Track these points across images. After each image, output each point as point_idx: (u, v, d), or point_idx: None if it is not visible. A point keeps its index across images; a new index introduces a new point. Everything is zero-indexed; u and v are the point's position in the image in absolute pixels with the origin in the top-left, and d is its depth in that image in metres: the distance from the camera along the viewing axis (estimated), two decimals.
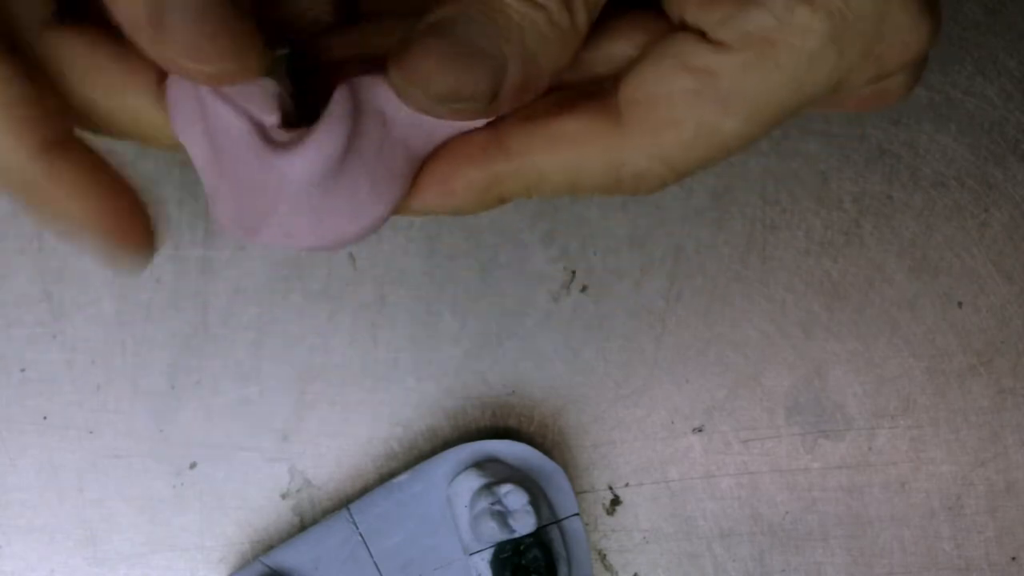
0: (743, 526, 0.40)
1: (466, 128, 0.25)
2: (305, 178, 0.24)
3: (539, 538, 0.36)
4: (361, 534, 0.38)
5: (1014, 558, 0.41)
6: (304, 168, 0.24)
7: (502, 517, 0.36)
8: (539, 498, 0.37)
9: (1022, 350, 0.41)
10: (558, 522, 0.38)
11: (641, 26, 0.25)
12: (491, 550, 0.36)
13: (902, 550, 0.41)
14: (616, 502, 0.40)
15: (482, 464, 0.37)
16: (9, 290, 0.38)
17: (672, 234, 0.40)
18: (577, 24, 0.23)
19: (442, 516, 0.38)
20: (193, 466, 0.39)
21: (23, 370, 0.39)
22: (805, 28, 0.23)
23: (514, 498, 0.36)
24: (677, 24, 0.25)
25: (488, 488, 0.36)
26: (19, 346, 0.38)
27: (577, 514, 0.38)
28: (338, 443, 0.39)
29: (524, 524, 0.36)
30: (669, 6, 0.25)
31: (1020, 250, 0.40)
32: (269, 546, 0.39)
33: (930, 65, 0.40)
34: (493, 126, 0.25)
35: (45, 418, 0.39)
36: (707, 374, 0.40)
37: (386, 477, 0.39)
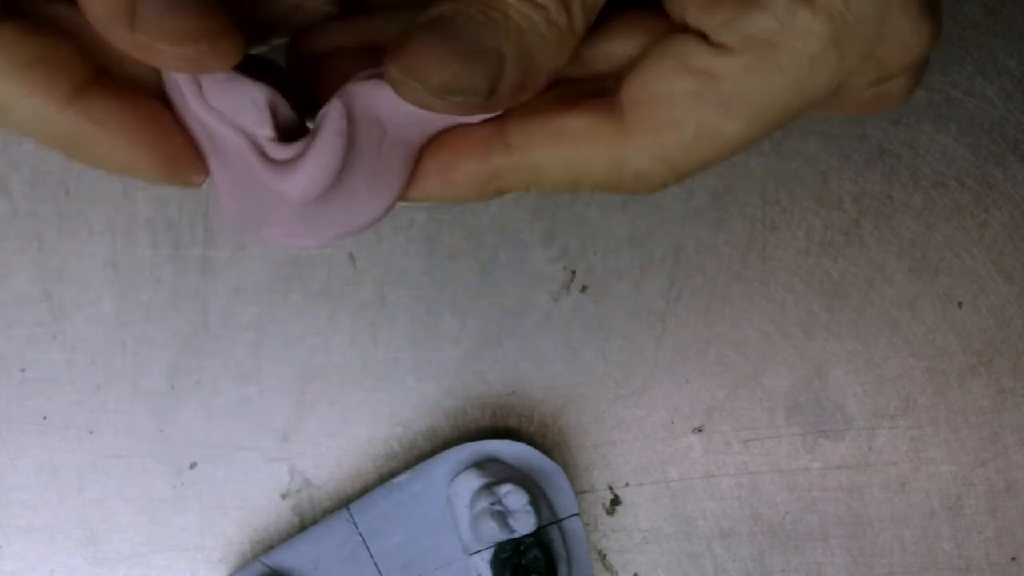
0: (743, 526, 0.40)
1: (463, 124, 0.26)
2: (301, 198, 0.24)
3: (539, 538, 0.36)
4: (361, 534, 0.38)
5: (1014, 558, 0.41)
6: (299, 190, 0.24)
7: (502, 517, 0.36)
8: (539, 498, 0.37)
9: (1022, 350, 0.41)
10: (558, 522, 0.38)
11: (641, 25, 0.25)
12: (491, 550, 0.36)
13: (902, 550, 0.41)
14: (616, 502, 0.40)
15: (482, 464, 0.37)
16: (9, 290, 0.38)
17: (672, 234, 0.40)
18: (575, 24, 0.24)
19: (442, 516, 0.38)
20: (193, 466, 0.39)
21: (23, 370, 0.39)
22: (806, 31, 0.23)
23: (514, 498, 0.36)
24: (678, 24, 0.25)
25: (488, 488, 0.36)
26: (19, 346, 0.38)
27: (577, 514, 0.38)
28: (338, 443, 0.39)
29: (524, 524, 0.36)
30: (670, 6, 0.25)
31: (1020, 250, 0.40)
32: (269, 546, 0.39)
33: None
34: (495, 120, 0.25)
35: (45, 418, 0.39)
36: (707, 374, 0.40)
37: (386, 477, 0.39)
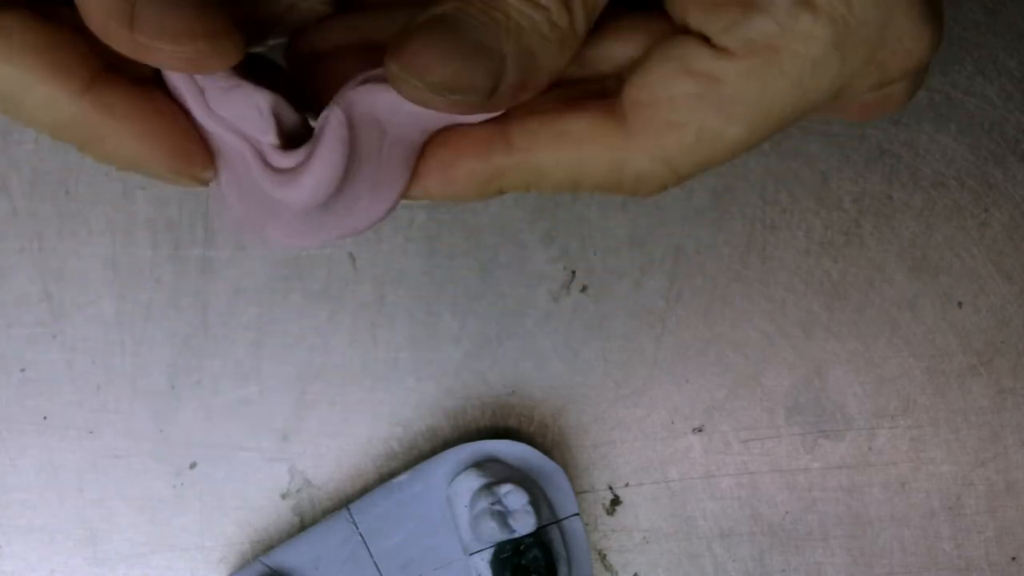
0: (743, 526, 0.40)
1: (464, 123, 0.26)
2: (303, 207, 0.24)
3: (539, 538, 0.36)
4: (361, 534, 0.38)
5: (1014, 558, 0.41)
6: (302, 199, 0.24)
7: (502, 517, 0.36)
8: (539, 498, 0.37)
9: (1022, 350, 0.41)
10: (558, 522, 0.38)
11: (643, 27, 0.25)
12: (491, 550, 0.36)
13: (902, 550, 0.41)
14: (616, 502, 0.40)
15: (482, 464, 0.37)
16: (9, 290, 0.38)
17: (672, 234, 0.40)
18: (576, 25, 0.24)
19: (442, 516, 0.38)
20: (193, 466, 0.39)
21: (23, 370, 0.39)
22: (808, 35, 0.23)
23: (514, 498, 0.36)
24: (679, 27, 0.25)
25: (488, 488, 0.36)
26: (19, 346, 0.38)
27: (577, 514, 0.38)
28: (338, 443, 0.39)
29: (524, 524, 0.36)
30: (672, 9, 0.25)
31: (1020, 250, 0.40)
32: (269, 546, 0.39)
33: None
34: (497, 120, 0.25)
35: (45, 418, 0.39)
36: (707, 374, 0.40)
37: (386, 477, 0.39)
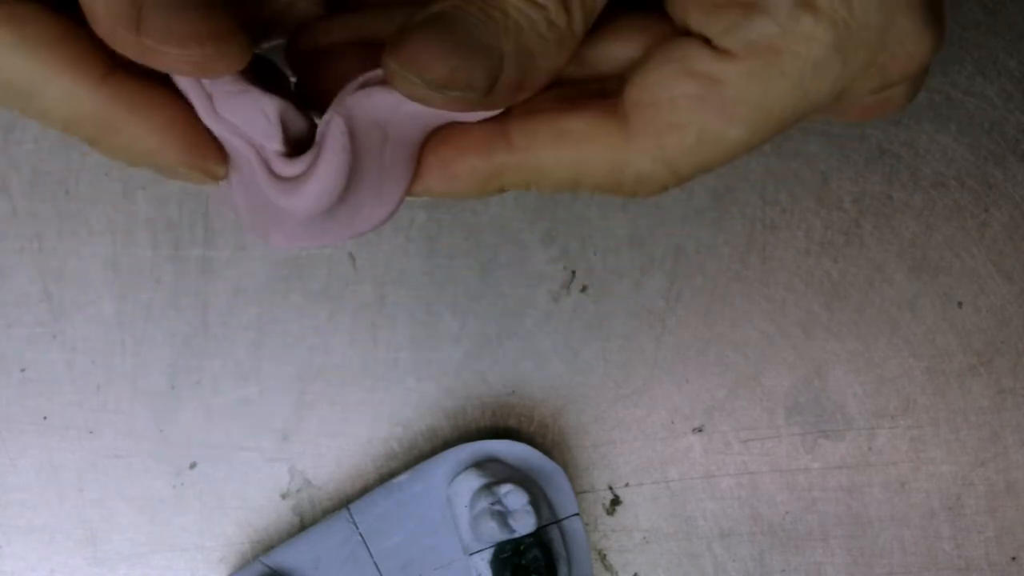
0: (743, 526, 0.40)
1: (464, 122, 0.26)
2: (306, 215, 0.25)
3: (539, 538, 0.36)
4: (361, 534, 0.38)
5: (1014, 558, 0.41)
6: (305, 207, 0.24)
7: (502, 517, 0.36)
8: (539, 498, 0.37)
9: (1022, 350, 0.41)
10: (558, 522, 0.38)
11: (643, 28, 0.25)
12: (491, 550, 0.36)
13: (902, 550, 0.41)
14: (616, 502, 0.40)
15: (482, 464, 0.37)
16: (9, 290, 0.38)
17: (672, 234, 0.40)
18: (574, 25, 0.24)
19: (442, 516, 0.38)
20: (193, 466, 0.39)
21: (23, 370, 0.39)
22: (809, 37, 0.23)
23: (514, 498, 0.36)
24: (680, 28, 0.25)
25: (488, 488, 0.36)
26: (19, 346, 0.38)
27: (577, 514, 0.38)
28: (338, 443, 0.39)
29: (524, 524, 0.36)
30: (673, 11, 0.25)
31: (1020, 250, 0.40)
32: (269, 546, 0.39)
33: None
34: (498, 119, 0.25)
35: (45, 418, 0.39)
36: (707, 374, 0.40)
37: (386, 477, 0.39)
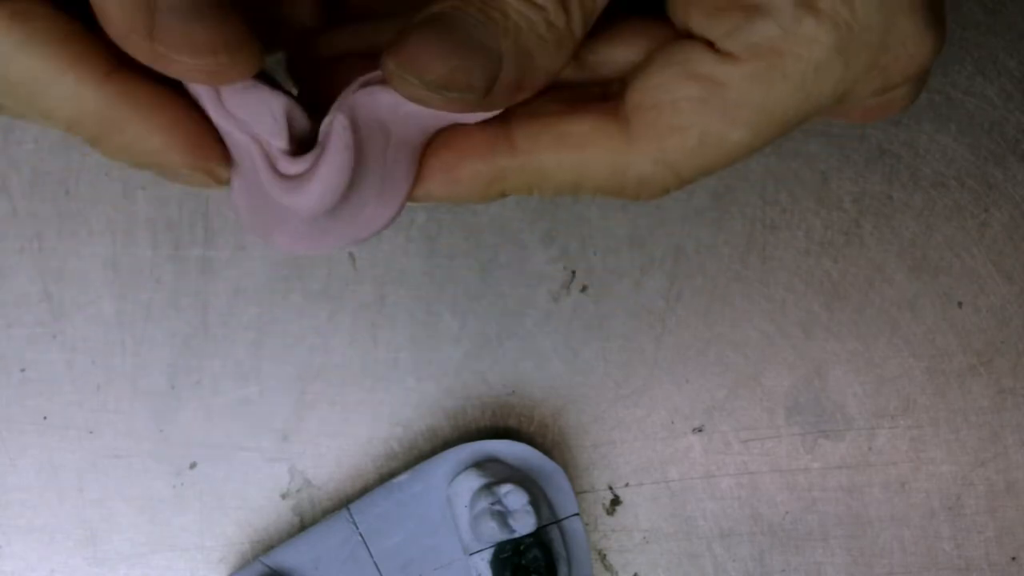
0: (743, 526, 0.40)
1: (464, 124, 0.26)
2: (311, 211, 0.24)
3: (539, 538, 0.36)
4: (361, 534, 0.38)
5: (1014, 558, 0.41)
6: (309, 205, 0.24)
7: (502, 517, 0.36)
8: (539, 498, 0.37)
9: (1022, 350, 0.41)
10: (558, 522, 0.38)
11: (645, 32, 0.25)
12: (491, 550, 0.36)
13: (902, 550, 0.41)
14: (616, 502, 0.40)
15: (482, 464, 0.37)
16: (9, 290, 0.38)
17: (672, 234, 0.40)
18: (573, 26, 0.24)
19: (442, 516, 0.38)
20: (193, 466, 0.39)
21: (23, 370, 0.39)
22: (811, 39, 0.23)
23: (514, 498, 0.36)
24: (682, 32, 0.25)
25: (488, 488, 0.36)
26: (19, 346, 0.38)
27: (577, 514, 0.38)
28: (338, 443, 0.39)
29: (524, 524, 0.36)
30: (675, 14, 0.25)
31: (1020, 250, 0.40)
32: (269, 546, 0.39)
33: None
34: (501, 121, 0.25)
35: (45, 418, 0.39)
36: (707, 374, 0.40)
37: (386, 477, 0.39)
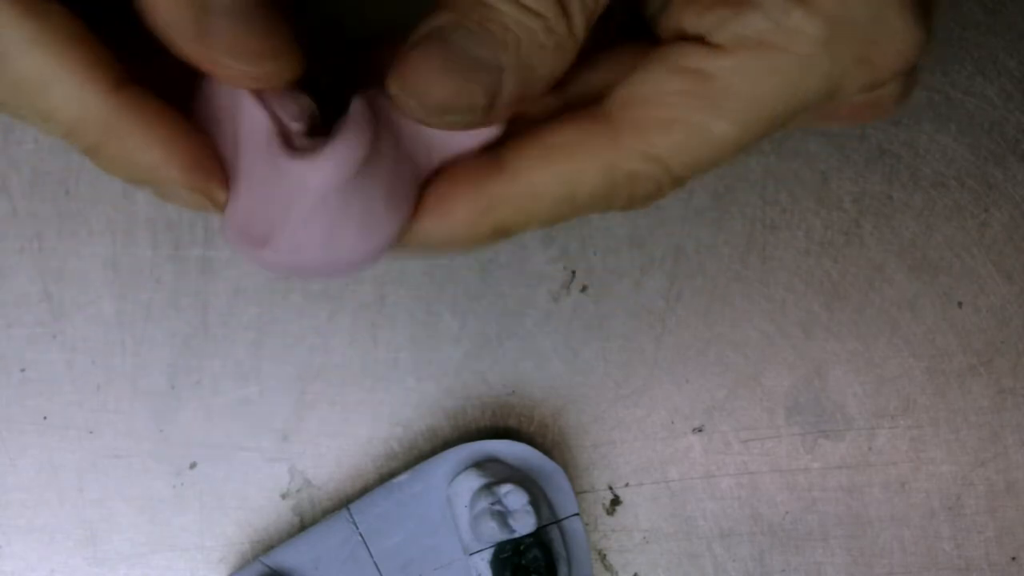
0: (743, 526, 0.40)
1: (464, 140, 0.25)
2: (324, 184, 0.23)
3: (539, 538, 0.36)
4: (361, 534, 0.38)
5: (1014, 558, 0.41)
6: (324, 175, 0.23)
7: (502, 517, 0.36)
8: (539, 498, 0.37)
9: (1022, 350, 0.41)
10: (558, 522, 0.38)
11: (630, 60, 0.25)
12: (491, 550, 0.36)
13: (902, 550, 0.41)
14: (616, 502, 0.40)
15: (482, 464, 0.37)
16: (9, 290, 0.38)
17: (672, 234, 0.40)
18: (575, 31, 0.23)
19: (442, 516, 0.38)
20: (193, 466, 0.39)
21: (23, 370, 0.39)
22: (800, 31, 0.23)
23: (514, 498, 0.36)
24: (673, 40, 0.25)
25: (488, 488, 0.36)
26: (19, 346, 0.38)
27: (577, 514, 0.38)
28: (338, 443, 0.39)
29: (524, 524, 0.36)
30: (668, 22, 0.25)
31: (1020, 250, 0.40)
32: (269, 546, 0.39)
33: (930, 65, 0.40)
34: (490, 149, 0.25)
35: (45, 418, 0.39)
36: (707, 374, 0.40)
37: (386, 477, 0.39)
